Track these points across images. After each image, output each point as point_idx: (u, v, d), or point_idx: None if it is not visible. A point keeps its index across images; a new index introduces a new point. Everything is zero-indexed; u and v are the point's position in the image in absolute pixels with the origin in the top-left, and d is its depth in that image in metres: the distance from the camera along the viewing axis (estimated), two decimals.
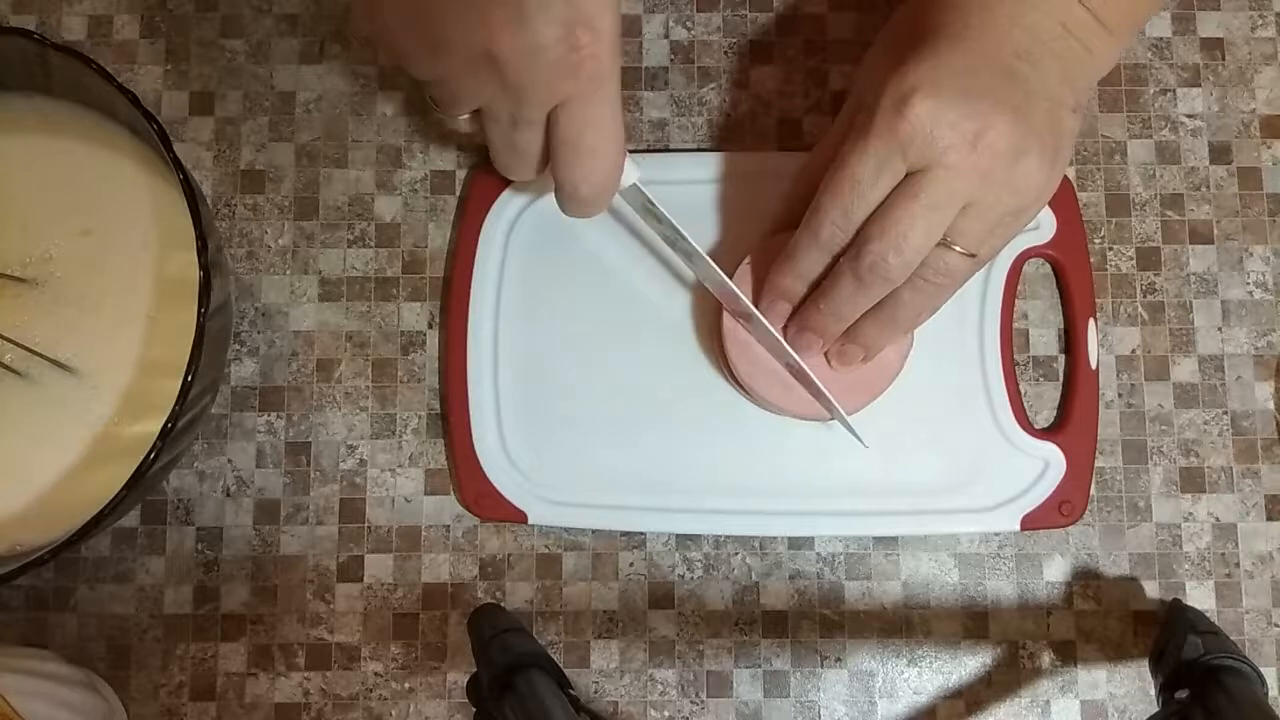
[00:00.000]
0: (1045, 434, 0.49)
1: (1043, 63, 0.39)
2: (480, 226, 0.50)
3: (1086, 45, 0.40)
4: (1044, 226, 0.49)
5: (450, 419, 0.49)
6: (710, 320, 0.48)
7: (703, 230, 0.49)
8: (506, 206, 0.50)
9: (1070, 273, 0.50)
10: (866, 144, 0.38)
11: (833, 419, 0.46)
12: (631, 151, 0.41)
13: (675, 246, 0.46)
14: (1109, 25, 0.40)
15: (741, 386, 0.47)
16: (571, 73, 0.36)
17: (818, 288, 0.43)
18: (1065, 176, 0.49)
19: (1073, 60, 0.40)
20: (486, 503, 0.48)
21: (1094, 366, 0.49)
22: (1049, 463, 0.48)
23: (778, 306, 0.44)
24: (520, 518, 0.48)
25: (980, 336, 0.49)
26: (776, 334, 0.44)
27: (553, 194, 0.41)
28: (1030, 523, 0.48)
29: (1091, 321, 0.49)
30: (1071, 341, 0.50)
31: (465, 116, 0.40)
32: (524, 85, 0.36)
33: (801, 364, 0.44)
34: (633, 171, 0.41)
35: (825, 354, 0.45)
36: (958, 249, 0.39)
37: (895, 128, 0.38)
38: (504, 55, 0.35)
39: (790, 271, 0.43)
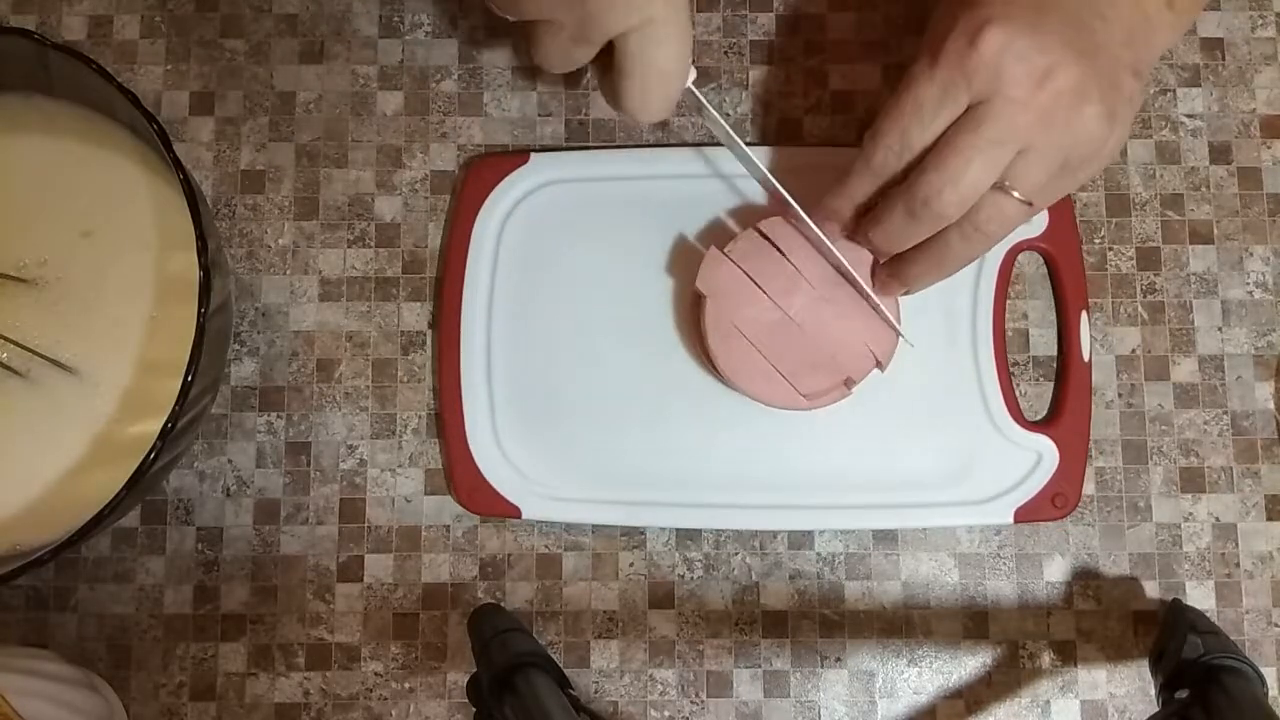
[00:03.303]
0: (1038, 426, 0.49)
1: (1109, 19, 0.40)
2: (473, 222, 0.50)
3: (1145, 13, 0.41)
4: (1036, 220, 0.49)
5: (444, 414, 0.49)
6: (693, 316, 0.48)
7: (702, 225, 0.50)
8: (498, 203, 0.50)
9: (1061, 265, 0.50)
10: (934, 70, 0.39)
11: (812, 407, 0.46)
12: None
13: (730, 146, 0.46)
14: None
15: (724, 380, 0.47)
16: None
17: (869, 213, 0.43)
18: None
19: (1135, 26, 0.40)
20: (480, 498, 0.48)
21: (1086, 359, 0.49)
22: (1042, 455, 0.48)
23: (826, 227, 0.44)
24: (514, 512, 0.48)
25: (973, 330, 0.49)
26: (823, 236, 0.44)
27: (549, 189, 0.40)
28: (1024, 515, 0.48)
29: (1084, 314, 0.49)
30: (1064, 334, 0.50)
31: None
32: (602, 9, 0.36)
33: (847, 265, 0.44)
34: (689, 75, 0.41)
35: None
36: (1016, 195, 0.39)
37: (964, 56, 0.38)
38: None
39: (842, 194, 0.43)
